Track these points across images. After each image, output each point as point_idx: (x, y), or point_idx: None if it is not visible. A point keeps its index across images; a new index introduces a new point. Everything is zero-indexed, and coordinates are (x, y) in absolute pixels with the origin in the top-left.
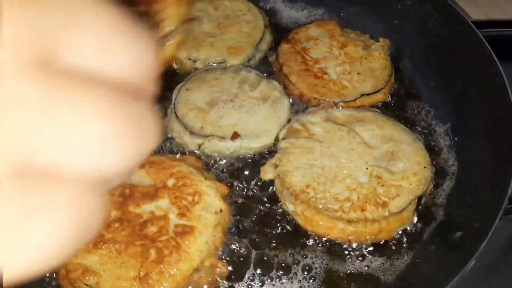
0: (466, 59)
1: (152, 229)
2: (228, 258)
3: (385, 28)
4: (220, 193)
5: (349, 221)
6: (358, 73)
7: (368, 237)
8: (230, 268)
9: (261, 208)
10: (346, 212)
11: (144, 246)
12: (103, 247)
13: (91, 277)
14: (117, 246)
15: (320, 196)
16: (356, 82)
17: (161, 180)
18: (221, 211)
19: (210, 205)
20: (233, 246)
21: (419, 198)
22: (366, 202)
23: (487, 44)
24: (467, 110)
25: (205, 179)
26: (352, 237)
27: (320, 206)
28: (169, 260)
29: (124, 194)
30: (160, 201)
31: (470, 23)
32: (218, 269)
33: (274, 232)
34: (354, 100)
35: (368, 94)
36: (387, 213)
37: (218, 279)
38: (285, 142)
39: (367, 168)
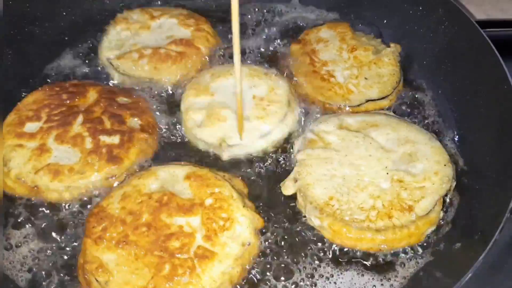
0: (475, 67)
1: (174, 244)
2: None
3: (396, 33)
4: (254, 225)
5: (378, 230)
6: (366, 78)
7: (399, 243)
8: None
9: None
10: (373, 221)
11: (162, 258)
12: (124, 247)
13: (103, 274)
14: (137, 250)
15: (345, 207)
16: (363, 87)
17: (200, 197)
18: (249, 244)
19: (239, 235)
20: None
21: (444, 197)
22: (391, 209)
23: (497, 54)
24: (474, 119)
25: (243, 206)
26: (383, 246)
27: (347, 218)
28: (180, 280)
29: (161, 200)
30: (192, 217)
31: (483, 33)
32: None
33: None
34: (359, 105)
35: (373, 100)
36: (414, 217)
37: None
38: (302, 154)
39: (387, 173)
